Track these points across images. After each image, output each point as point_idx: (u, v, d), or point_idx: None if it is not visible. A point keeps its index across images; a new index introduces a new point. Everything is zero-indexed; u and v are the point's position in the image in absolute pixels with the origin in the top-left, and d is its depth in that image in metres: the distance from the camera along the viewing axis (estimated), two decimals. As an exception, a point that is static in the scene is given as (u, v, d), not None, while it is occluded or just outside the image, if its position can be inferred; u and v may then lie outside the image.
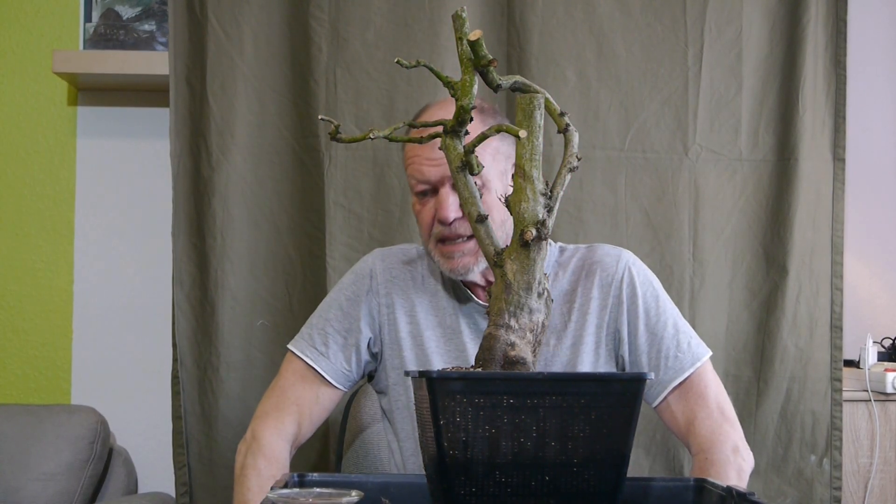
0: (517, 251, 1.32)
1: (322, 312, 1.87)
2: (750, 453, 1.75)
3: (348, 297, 1.86)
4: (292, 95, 2.50)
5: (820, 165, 2.56)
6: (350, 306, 1.85)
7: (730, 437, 1.74)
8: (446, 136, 1.40)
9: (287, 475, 1.41)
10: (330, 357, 1.82)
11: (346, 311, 1.84)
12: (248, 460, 1.78)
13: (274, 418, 1.80)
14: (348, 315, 1.84)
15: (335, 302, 1.86)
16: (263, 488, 1.71)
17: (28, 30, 2.84)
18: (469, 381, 1.24)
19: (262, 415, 1.82)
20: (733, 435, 1.74)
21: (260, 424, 1.81)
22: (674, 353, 1.77)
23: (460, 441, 1.22)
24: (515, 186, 1.32)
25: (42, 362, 2.82)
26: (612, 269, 1.82)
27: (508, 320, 1.32)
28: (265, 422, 1.81)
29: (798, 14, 2.56)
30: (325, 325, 1.84)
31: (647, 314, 1.80)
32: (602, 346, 1.80)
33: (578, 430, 1.24)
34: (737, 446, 1.73)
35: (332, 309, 1.86)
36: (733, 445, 1.73)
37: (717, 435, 1.73)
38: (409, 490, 1.44)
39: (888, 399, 2.57)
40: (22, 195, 2.83)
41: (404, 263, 1.87)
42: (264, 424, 1.80)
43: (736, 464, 1.71)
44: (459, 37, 1.31)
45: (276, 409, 1.81)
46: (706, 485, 1.46)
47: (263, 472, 1.75)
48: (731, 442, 1.73)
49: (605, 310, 1.80)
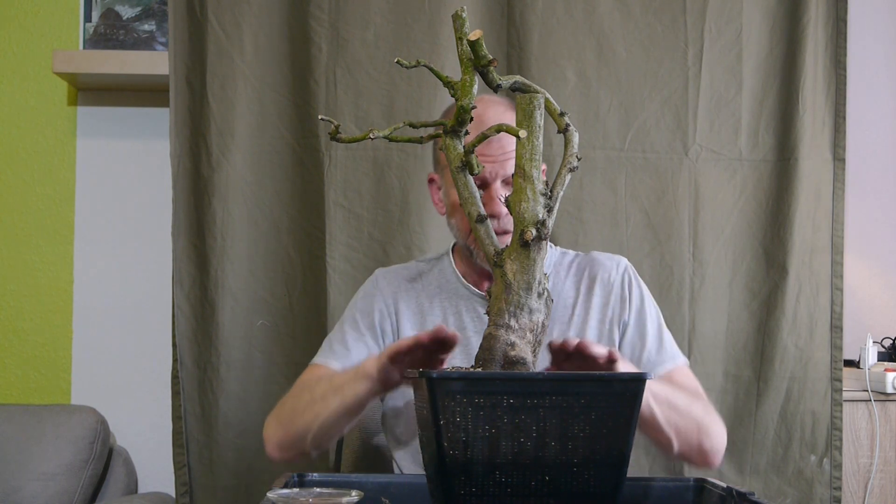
0: (517, 251, 1.32)
1: (338, 328, 1.88)
2: (723, 426, 1.73)
3: (360, 308, 1.88)
4: (292, 95, 2.50)
5: (820, 165, 2.56)
6: (362, 316, 1.86)
7: (704, 399, 1.74)
8: (446, 136, 1.40)
9: (287, 475, 1.41)
10: (353, 354, 1.81)
11: (360, 320, 1.86)
12: (295, 391, 1.73)
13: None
14: (364, 318, 1.86)
15: (349, 317, 1.88)
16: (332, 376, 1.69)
17: (28, 30, 2.84)
18: (469, 381, 1.24)
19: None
20: (708, 405, 1.74)
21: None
22: (657, 349, 1.81)
23: (460, 441, 1.22)
24: (515, 186, 1.32)
25: (42, 362, 2.82)
26: (613, 270, 1.86)
27: (508, 320, 1.32)
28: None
29: (798, 14, 2.56)
30: (342, 336, 1.85)
31: (640, 313, 1.84)
32: (605, 341, 1.81)
33: (578, 430, 1.24)
34: (708, 406, 1.72)
35: (346, 323, 1.87)
36: (705, 403, 1.73)
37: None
38: (409, 490, 1.44)
39: (888, 399, 2.57)
40: (22, 195, 2.83)
41: (408, 280, 1.89)
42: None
43: (702, 402, 1.71)
44: (459, 37, 1.31)
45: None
46: (706, 485, 1.46)
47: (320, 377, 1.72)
48: (704, 401, 1.73)
49: (607, 306, 1.83)
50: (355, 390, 1.58)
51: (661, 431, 1.61)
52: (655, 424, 1.59)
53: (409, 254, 2.44)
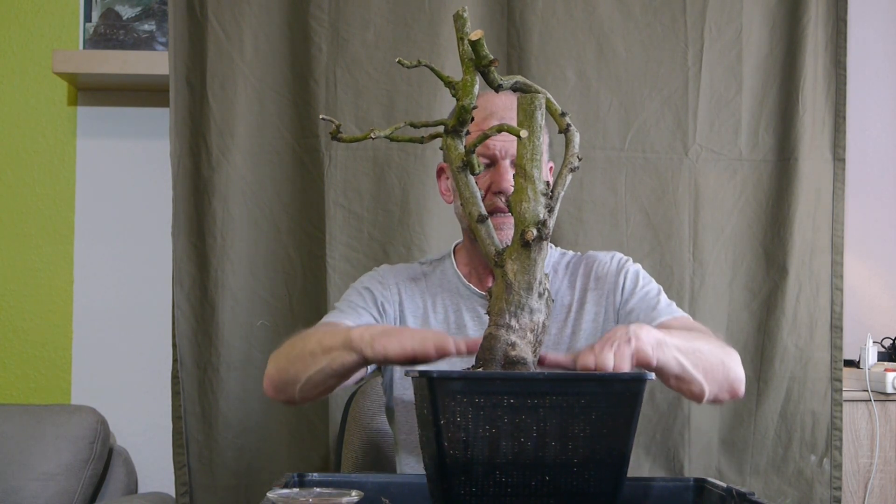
0: (518, 251, 1.32)
1: (343, 299, 1.88)
2: (737, 353, 1.70)
3: (365, 286, 1.88)
4: (292, 95, 2.50)
5: (820, 165, 2.56)
6: (368, 293, 1.86)
7: (712, 335, 1.72)
8: (447, 136, 1.40)
9: (287, 475, 1.41)
10: (362, 315, 1.81)
11: (366, 295, 1.86)
12: (295, 338, 1.70)
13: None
14: (370, 295, 1.86)
15: (353, 291, 1.88)
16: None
17: (28, 30, 2.84)
18: (469, 381, 1.24)
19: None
20: (718, 338, 1.71)
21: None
22: (654, 305, 1.80)
23: (460, 441, 1.22)
24: (516, 186, 1.33)
25: (42, 362, 2.82)
26: (607, 262, 1.87)
27: (509, 320, 1.32)
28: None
29: (798, 14, 2.56)
30: (350, 304, 1.85)
31: (636, 283, 1.83)
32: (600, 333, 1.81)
33: (579, 430, 1.24)
34: (720, 340, 1.70)
35: (351, 295, 1.88)
36: (715, 339, 1.70)
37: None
38: (409, 490, 1.44)
39: (888, 399, 2.57)
40: (22, 195, 2.83)
41: (410, 279, 1.90)
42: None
43: (713, 338, 1.69)
44: (460, 37, 1.31)
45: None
46: (706, 485, 1.46)
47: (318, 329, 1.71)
48: (713, 336, 1.71)
49: (601, 298, 1.84)
50: (342, 359, 1.56)
51: (692, 381, 1.57)
52: (687, 375, 1.55)
53: (409, 254, 2.44)
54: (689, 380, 1.57)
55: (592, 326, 1.82)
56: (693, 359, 1.56)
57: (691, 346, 1.58)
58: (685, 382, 1.58)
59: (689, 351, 1.56)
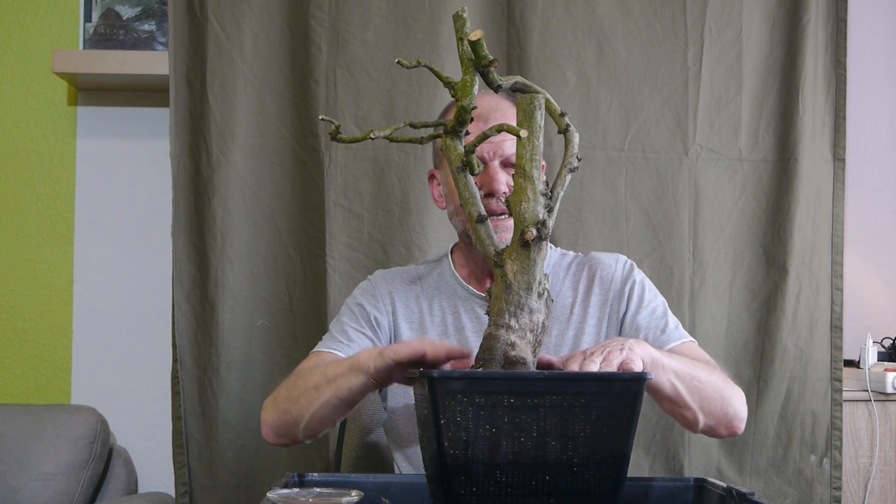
0: (517, 251, 1.32)
1: (336, 321, 1.88)
2: (741, 392, 1.70)
3: (357, 302, 1.87)
4: (292, 95, 2.50)
5: (820, 165, 2.56)
6: (360, 309, 1.86)
7: (719, 369, 1.70)
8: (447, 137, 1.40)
9: (287, 475, 1.41)
10: (354, 343, 1.81)
11: (358, 312, 1.86)
12: (291, 378, 1.70)
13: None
14: (361, 312, 1.85)
15: (346, 310, 1.88)
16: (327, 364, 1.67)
17: (28, 30, 2.84)
18: (469, 381, 1.24)
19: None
20: (725, 374, 1.70)
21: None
22: (661, 329, 1.79)
23: (461, 440, 1.22)
24: (516, 186, 1.33)
25: (42, 362, 2.82)
26: (612, 266, 1.86)
27: (509, 320, 1.32)
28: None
29: (798, 14, 2.56)
30: (341, 326, 1.85)
31: (642, 297, 1.83)
32: (602, 337, 1.81)
33: (579, 430, 1.24)
34: (725, 375, 1.69)
35: (343, 315, 1.87)
36: (721, 372, 1.69)
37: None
38: (409, 490, 1.44)
39: (888, 399, 2.57)
40: (22, 195, 2.83)
41: (406, 282, 1.89)
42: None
43: (718, 372, 1.68)
44: (460, 37, 1.31)
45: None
46: (706, 485, 1.46)
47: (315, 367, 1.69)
48: (719, 370, 1.70)
49: (606, 303, 1.83)
50: (349, 383, 1.56)
51: (686, 407, 1.58)
52: (680, 400, 1.57)
53: (409, 254, 2.44)
54: (682, 405, 1.59)
55: (595, 329, 1.82)
56: (689, 386, 1.57)
57: (690, 373, 1.59)
58: (679, 407, 1.60)
59: (687, 377, 1.57)
